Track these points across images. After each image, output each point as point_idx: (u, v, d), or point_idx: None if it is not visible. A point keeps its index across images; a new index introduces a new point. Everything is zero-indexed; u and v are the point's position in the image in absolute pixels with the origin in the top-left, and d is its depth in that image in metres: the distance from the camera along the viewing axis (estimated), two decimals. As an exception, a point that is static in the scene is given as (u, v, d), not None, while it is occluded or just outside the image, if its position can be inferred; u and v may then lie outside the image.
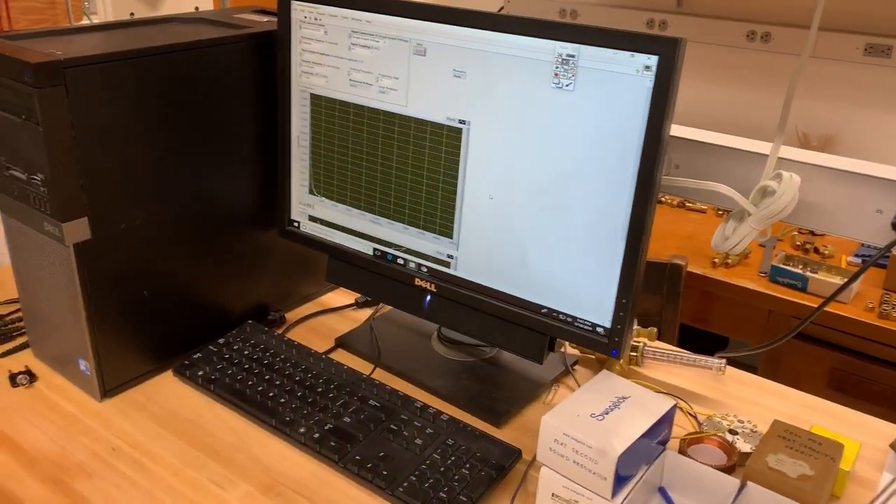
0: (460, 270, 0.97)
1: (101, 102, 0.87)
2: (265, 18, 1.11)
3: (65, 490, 0.83)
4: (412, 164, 0.96)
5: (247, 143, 1.05)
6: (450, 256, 0.97)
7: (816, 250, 1.84)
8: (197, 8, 1.86)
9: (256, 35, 1.02)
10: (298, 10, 1.00)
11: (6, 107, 0.86)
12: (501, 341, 0.98)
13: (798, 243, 1.87)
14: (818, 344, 1.65)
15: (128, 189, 0.92)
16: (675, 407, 0.81)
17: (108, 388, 0.97)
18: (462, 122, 0.91)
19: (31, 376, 1.00)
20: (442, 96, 0.91)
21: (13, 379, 0.98)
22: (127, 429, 0.92)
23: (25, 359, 1.04)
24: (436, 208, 0.96)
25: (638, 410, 0.79)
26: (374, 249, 1.04)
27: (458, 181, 0.93)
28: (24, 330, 1.06)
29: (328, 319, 1.19)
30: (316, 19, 0.99)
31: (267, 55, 1.03)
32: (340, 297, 1.25)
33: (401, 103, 0.95)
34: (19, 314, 1.09)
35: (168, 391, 1.00)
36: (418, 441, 0.89)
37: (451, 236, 0.96)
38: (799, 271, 1.67)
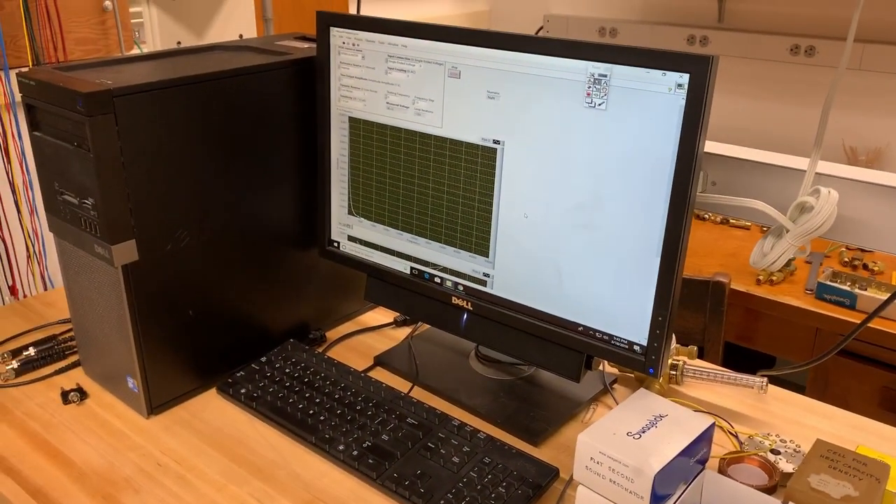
0: (496, 289, 0.98)
1: (148, 129, 0.90)
2: (306, 45, 1.14)
3: (113, 504, 0.86)
4: (448, 184, 0.97)
5: (288, 165, 1.08)
6: (486, 275, 0.98)
7: (865, 266, 1.80)
8: (241, 35, 1.92)
9: (297, 61, 1.05)
10: (337, 36, 1.03)
11: (60, 135, 0.91)
12: (538, 359, 0.98)
13: (846, 259, 1.83)
14: (868, 363, 1.61)
15: (174, 212, 0.95)
16: (713, 425, 0.80)
17: (155, 405, 1.00)
18: (496, 142, 0.92)
19: (82, 394, 1.03)
20: (476, 117, 0.93)
21: (65, 396, 1.02)
22: (172, 445, 0.95)
23: (77, 376, 1.08)
24: (471, 227, 0.97)
25: (675, 429, 0.78)
26: (412, 268, 1.05)
27: (493, 200, 0.94)
28: (76, 349, 1.10)
29: (367, 338, 1.20)
30: (354, 45, 1.02)
31: (307, 80, 1.06)
32: (379, 315, 1.26)
33: (436, 125, 0.96)
34: (71, 333, 1.13)
35: (212, 408, 1.02)
36: (455, 459, 0.89)
37: (486, 255, 0.97)
38: (847, 288, 1.63)
